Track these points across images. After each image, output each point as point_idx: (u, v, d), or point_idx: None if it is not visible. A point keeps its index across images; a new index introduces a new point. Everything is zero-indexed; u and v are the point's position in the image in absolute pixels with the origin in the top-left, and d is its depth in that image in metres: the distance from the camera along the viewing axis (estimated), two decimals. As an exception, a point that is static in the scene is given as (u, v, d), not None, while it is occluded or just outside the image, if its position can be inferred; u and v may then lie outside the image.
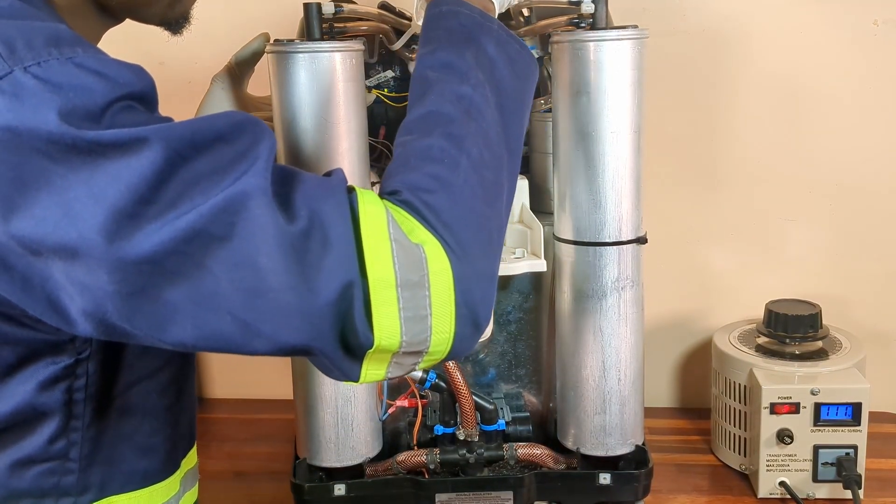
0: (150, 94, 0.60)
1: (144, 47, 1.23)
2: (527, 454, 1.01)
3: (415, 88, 0.70)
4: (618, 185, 0.93)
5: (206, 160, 0.57)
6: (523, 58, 0.73)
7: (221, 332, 0.57)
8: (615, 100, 0.91)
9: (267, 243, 0.56)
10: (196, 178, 0.56)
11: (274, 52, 0.88)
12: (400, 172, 0.63)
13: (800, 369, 1.10)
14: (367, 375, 0.61)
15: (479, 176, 0.64)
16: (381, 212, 0.59)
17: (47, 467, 0.68)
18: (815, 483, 1.08)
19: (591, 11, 0.92)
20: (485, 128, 0.66)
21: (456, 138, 0.64)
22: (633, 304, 0.97)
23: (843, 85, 1.26)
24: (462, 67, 0.68)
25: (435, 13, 0.73)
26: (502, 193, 0.67)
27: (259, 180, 0.57)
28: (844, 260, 1.32)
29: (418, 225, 0.60)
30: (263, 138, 0.60)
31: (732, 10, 1.25)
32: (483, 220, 0.63)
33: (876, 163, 1.28)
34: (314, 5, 0.90)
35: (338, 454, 0.99)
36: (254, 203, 0.56)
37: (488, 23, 0.72)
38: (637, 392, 1.00)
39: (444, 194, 0.61)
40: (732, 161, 1.30)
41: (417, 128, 0.66)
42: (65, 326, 0.59)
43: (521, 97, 0.73)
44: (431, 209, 0.60)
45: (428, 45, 0.72)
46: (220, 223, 0.55)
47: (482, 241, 0.62)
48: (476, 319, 0.61)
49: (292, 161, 0.90)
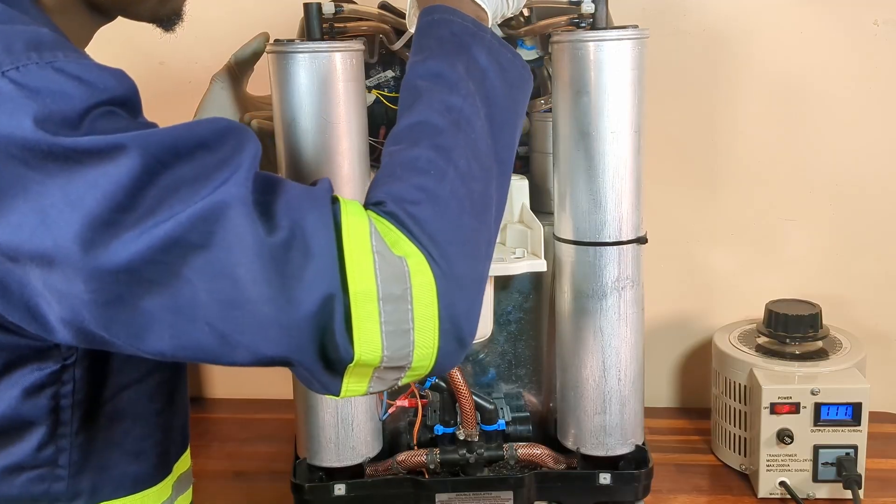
0: (131, 99, 0.60)
1: (144, 47, 1.23)
2: (527, 454, 1.01)
3: (404, 97, 0.69)
4: (618, 185, 0.93)
5: (187, 167, 0.56)
6: (516, 67, 0.72)
7: (199, 342, 0.56)
8: (615, 100, 0.91)
9: (246, 254, 0.55)
10: (176, 185, 0.55)
11: (274, 52, 0.88)
12: (386, 183, 0.62)
13: (800, 369, 1.10)
14: (348, 390, 0.60)
15: (467, 188, 0.62)
16: (364, 223, 0.58)
17: (36, 474, 0.68)
18: (815, 483, 1.08)
19: (592, 11, 0.92)
20: (474, 139, 0.65)
21: (444, 149, 0.63)
22: (634, 304, 0.97)
23: (843, 85, 1.26)
24: (452, 77, 0.67)
25: (427, 21, 0.72)
26: (491, 205, 0.66)
27: (240, 189, 0.56)
28: (844, 260, 1.32)
29: (402, 237, 0.58)
30: (247, 145, 0.59)
31: (732, 10, 1.25)
32: (470, 233, 0.61)
33: (876, 162, 1.28)
34: (314, 5, 0.90)
35: (338, 454, 0.99)
36: (234, 213, 0.55)
37: (481, 32, 0.71)
38: (637, 392, 1.00)
39: (429, 206, 0.60)
40: (732, 161, 1.30)
41: (405, 138, 0.65)
42: (44, 334, 0.58)
43: (512, 107, 0.71)
44: (416, 221, 0.59)
45: (419, 53, 0.71)
46: (199, 232, 0.54)
47: (468, 254, 0.61)
48: (460, 334, 0.60)
49: (292, 161, 0.90)
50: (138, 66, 1.26)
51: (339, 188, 0.89)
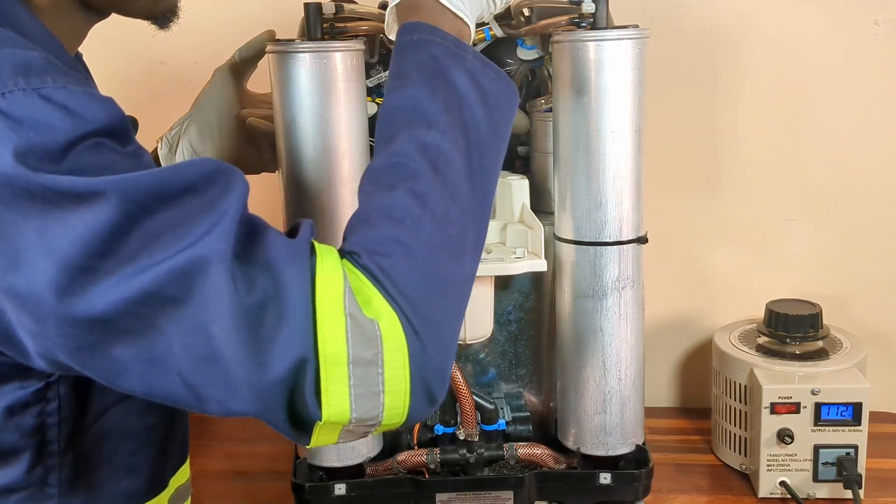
0: (120, 128, 0.58)
1: (144, 47, 1.23)
2: (527, 454, 1.01)
3: (382, 127, 0.68)
4: (618, 184, 0.93)
5: (170, 212, 0.55)
6: (499, 87, 0.70)
7: (170, 392, 0.56)
8: (616, 99, 0.91)
9: (222, 312, 0.54)
10: (158, 232, 0.54)
11: (274, 52, 0.88)
12: (361, 229, 0.61)
13: (800, 369, 1.10)
14: (318, 441, 0.60)
15: (444, 234, 0.62)
16: (339, 281, 0.57)
17: (27, 494, 0.67)
18: (815, 483, 1.08)
19: (592, 11, 0.92)
20: (452, 180, 0.64)
21: (420, 195, 0.62)
22: (634, 303, 0.97)
23: (844, 85, 1.26)
24: (431, 110, 0.65)
25: (406, 42, 0.70)
26: (468, 245, 0.65)
27: (221, 244, 0.55)
28: (844, 260, 1.32)
29: (376, 293, 0.58)
30: (234, 189, 0.57)
31: (732, 10, 1.25)
32: (444, 284, 0.61)
33: (876, 162, 1.28)
34: (314, 5, 0.90)
35: (338, 454, 0.99)
36: (213, 269, 0.54)
37: (461, 52, 0.69)
38: (637, 392, 1.00)
39: (403, 259, 0.59)
40: (733, 161, 1.30)
41: (382, 178, 0.64)
42: (22, 359, 0.58)
43: (494, 131, 0.69)
44: (389, 277, 0.58)
45: (398, 78, 0.69)
46: (177, 286, 0.54)
47: (441, 308, 0.60)
48: (431, 393, 0.60)
49: (292, 161, 0.90)
50: (138, 66, 1.26)
51: (339, 188, 0.90)
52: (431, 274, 0.60)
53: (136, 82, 1.06)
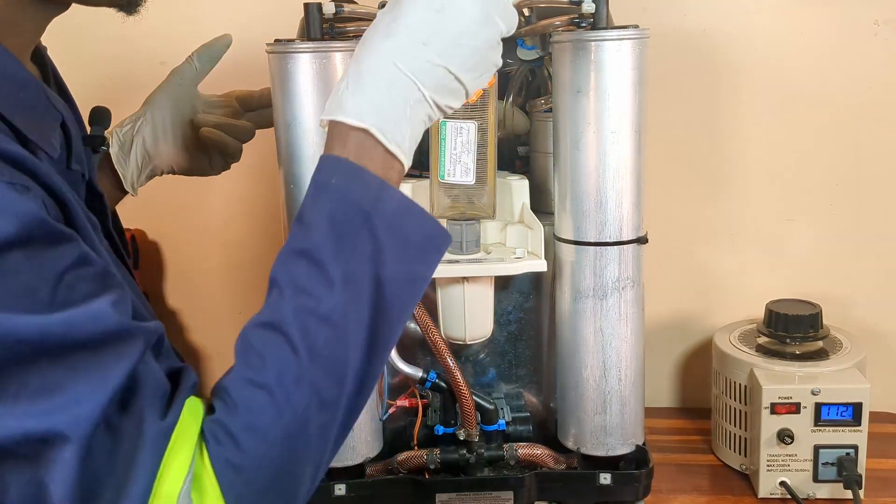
0: (23, 234, 0.54)
1: (144, 47, 1.23)
2: (527, 454, 1.01)
3: (278, 274, 0.64)
4: (618, 185, 0.93)
5: (51, 368, 0.53)
6: (421, 234, 0.66)
7: None
8: (616, 100, 0.91)
9: (64, 484, 0.53)
10: (31, 381, 0.53)
11: (274, 52, 0.88)
12: (232, 389, 0.61)
13: (800, 369, 1.10)
14: None
15: (302, 425, 0.61)
16: (181, 477, 0.56)
17: None
18: (815, 483, 1.08)
19: (592, 11, 0.92)
20: (339, 357, 0.62)
21: (285, 385, 0.60)
22: (634, 304, 0.97)
23: (843, 85, 1.26)
24: (333, 274, 0.62)
25: (322, 183, 0.64)
26: (332, 430, 0.65)
27: (85, 424, 0.53)
28: (844, 260, 1.32)
29: (217, 490, 0.58)
30: (126, 358, 0.56)
31: (733, 9, 1.25)
32: (288, 484, 0.62)
33: (876, 162, 1.28)
34: (314, 5, 0.90)
35: (338, 454, 0.99)
36: (68, 449, 0.53)
37: (381, 203, 0.64)
38: (637, 392, 1.00)
39: (250, 458, 0.59)
40: (733, 160, 1.30)
41: (260, 342, 0.62)
42: None
43: (411, 280, 0.66)
44: (233, 471, 0.58)
45: (304, 220, 0.64)
46: (30, 447, 0.53)
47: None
48: None
49: (292, 161, 0.90)
50: (138, 66, 1.26)
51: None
52: (276, 475, 0.61)
53: (136, 82, 1.06)
